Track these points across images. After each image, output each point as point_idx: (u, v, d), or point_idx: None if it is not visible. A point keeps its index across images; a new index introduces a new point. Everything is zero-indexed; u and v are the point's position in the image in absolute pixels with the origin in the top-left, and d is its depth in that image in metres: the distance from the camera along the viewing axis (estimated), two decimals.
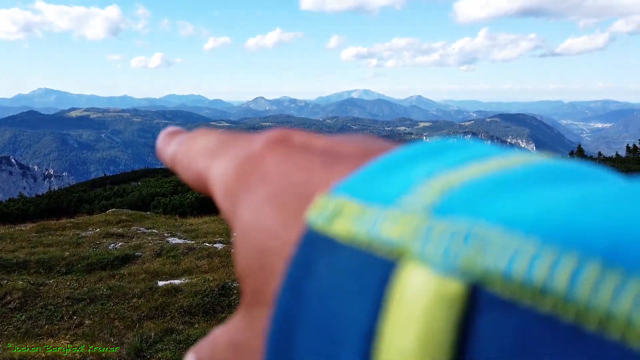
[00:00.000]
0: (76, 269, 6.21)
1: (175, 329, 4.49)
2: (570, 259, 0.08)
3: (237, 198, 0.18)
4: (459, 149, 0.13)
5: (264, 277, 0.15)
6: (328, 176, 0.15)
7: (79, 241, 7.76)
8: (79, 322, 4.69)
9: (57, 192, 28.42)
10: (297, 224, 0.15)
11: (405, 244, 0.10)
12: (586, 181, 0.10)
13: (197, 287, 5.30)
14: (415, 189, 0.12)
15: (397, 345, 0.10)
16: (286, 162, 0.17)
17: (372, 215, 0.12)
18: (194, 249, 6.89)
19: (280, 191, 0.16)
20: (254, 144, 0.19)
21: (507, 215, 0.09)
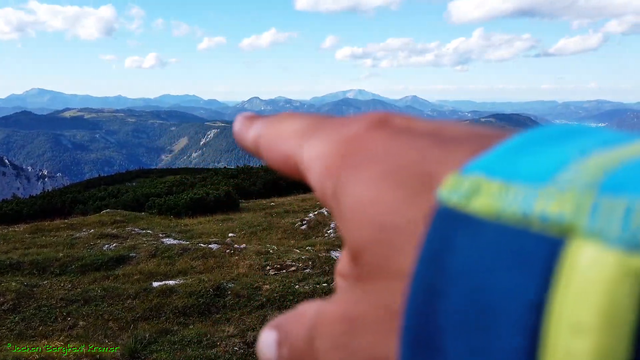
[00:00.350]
0: (70, 270, 6.18)
1: (170, 329, 4.49)
2: None
3: (341, 177, 0.18)
4: (596, 133, 0.13)
5: (385, 252, 0.16)
6: (444, 155, 0.16)
7: (73, 242, 7.73)
8: (73, 323, 4.67)
9: (51, 192, 28.24)
10: (420, 201, 0.15)
11: (571, 219, 0.10)
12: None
13: (192, 287, 5.30)
14: (570, 167, 0.12)
15: (572, 317, 0.10)
16: (393, 142, 0.18)
17: (521, 192, 0.12)
18: (189, 250, 6.88)
19: (395, 169, 0.17)
20: (352, 126, 0.19)
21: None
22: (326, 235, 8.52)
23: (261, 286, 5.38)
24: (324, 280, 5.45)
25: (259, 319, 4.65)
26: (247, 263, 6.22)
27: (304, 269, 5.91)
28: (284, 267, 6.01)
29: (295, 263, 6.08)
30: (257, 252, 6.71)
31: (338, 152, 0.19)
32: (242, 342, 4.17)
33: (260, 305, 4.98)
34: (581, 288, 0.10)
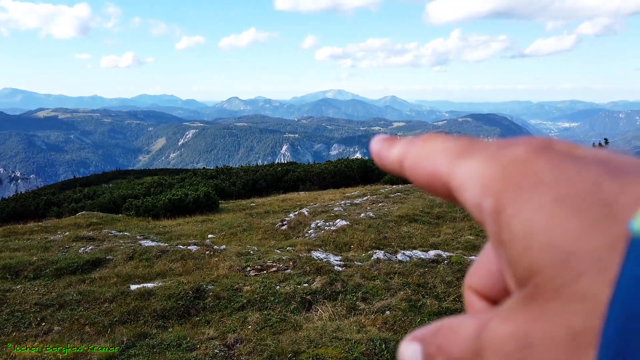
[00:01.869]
0: (45, 274, 6.04)
1: (149, 333, 4.41)
2: None
3: (506, 198, 0.19)
4: None
5: (567, 276, 0.17)
6: (622, 186, 0.17)
7: (47, 245, 7.55)
8: (47, 328, 4.56)
9: (24, 195, 27.59)
10: (603, 230, 0.16)
11: None
12: None
13: (171, 290, 5.22)
14: None
15: None
16: (560, 167, 0.18)
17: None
18: (168, 252, 6.79)
19: (569, 196, 0.17)
20: (514, 149, 0.20)
21: None
22: (307, 236, 8.51)
23: (242, 287, 5.34)
24: (305, 281, 5.44)
25: (240, 320, 4.61)
26: (227, 264, 6.16)
27: (284, 269, 5.89)
28: (264, 267, 5.98)
29: (276, 264, 6.05)
30: (238, 253, 6.65)
31: (500, 173, 0.20)
32: (222, 345, 4.12)
33: (240, 306, 4.94)
34: None
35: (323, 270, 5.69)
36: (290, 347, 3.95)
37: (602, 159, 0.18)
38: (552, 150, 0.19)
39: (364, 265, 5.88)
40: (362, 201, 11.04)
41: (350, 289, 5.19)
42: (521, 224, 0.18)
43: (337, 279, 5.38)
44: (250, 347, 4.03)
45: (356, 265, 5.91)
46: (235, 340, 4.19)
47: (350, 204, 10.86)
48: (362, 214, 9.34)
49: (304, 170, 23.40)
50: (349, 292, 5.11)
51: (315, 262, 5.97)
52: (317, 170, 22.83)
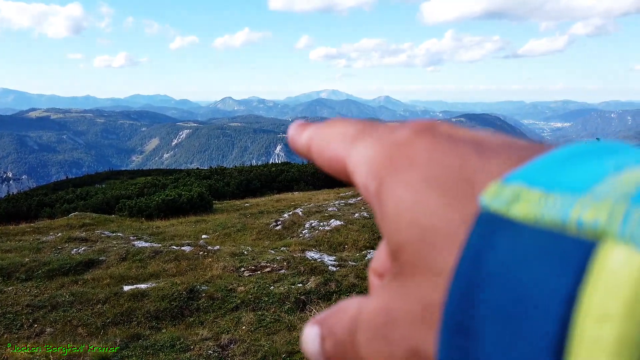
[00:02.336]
0: (37, 275, 5.99)
1: (142, 334, 4.39)
2: None
3: (385, 179, 0.20)
4: (633, 151, 0.15)
5: (426, 251, 0.17)
6: (484, 164, 0.18)
7: (39, 246, 7.50)
8: (40, 330, 4.52)
9: (16, 195, 27.37)
10: (461, 206, 0.17)
11: (604, 226, 0.12)
12: None
13: (164, 291, 5.20)
14: (605, 180, 0.13)
15: (599, 308, 0.12)
16: (436, 148, 0.19)
17: (559, 201, 0.14)
18: (161, 252, 6.76)
19: (437, 174, 0.18)
20: (398, 132, 0.21)
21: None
22: (301, 236, 8.51)
23: (235, 288, 5.32)
24: (299, 281, 5.43)
25: (234, 321, 4.60)
26: (221, 265, 6.15)
27: (279, 269, 5.88)
28: (258, 268, 5.97)
29: (270, 264, 6.04)
30: (232, 254, 6.64)
31: (383, 155, 0.20)
32: (216, 345, 4.11)
33: (234, 307, 4.93)
34: (609, 283, 0.12)
35: (317, 270, 5.68)
36: (284, 347, 3.94)
37: (477, 140, 0.19)
38: (432, 133, 0.20)
39: (358, 265, 5.88)
40: (356, 201, 11.05)
41: (345, 289, 5.19)
42: (392, 204, 0.19)
43: (332, 279, 5.38)
44: (244, 347, 4.03)
45: (350, 265, 5.91)
46: (229, 340, 4.18)
47: (345, 204, 10.87)
48: (356, 214, 9.35)
49: (298, 171, 23.39)
50: (343, 292, 5.11)
51: (309, 262, 5.97)
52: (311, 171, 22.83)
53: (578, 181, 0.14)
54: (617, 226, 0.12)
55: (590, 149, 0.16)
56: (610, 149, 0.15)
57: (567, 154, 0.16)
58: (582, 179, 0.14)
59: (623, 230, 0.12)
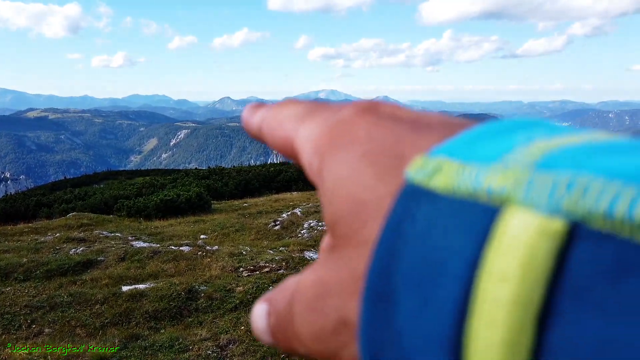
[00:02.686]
0: (35, 276, 5.98)
1: (141, 335, 4.39)
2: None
3: (326, 156, 0.20)
4: (547, 125, 0.16)
5: (357, 223, 0.18)
6: (417, 140, 0.18)
7: (37, 247, 7.48)
8: (38, 330, 4.52)
9: (13, 196, 27.32)
10: (391, 179, 0.17)
11: (510, 192, 0.13)
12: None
13: (163, 291, 5.20)
14: (516, 150, 0.14)
15: (499, 269, 0.12)
16: (376, 127, 0.19)
17: (474, 171, 0.14)
18: (160, 253, 6.75)
19: (372, 151, 0.19)
20: (343, 111, 0.21)
21: (608, 168, 0.12)
22: (300, 236, 8.51)
23: (234, 288, 5.32)
24: None
25: (233, 321, 4.60)
26: (219, 265, 6.14)
27: (277, 269, 5.88)
28: (257, 268, 5.97)
29: (269, 264, 6.04)
30: (230, 254, 6.63)
31: (327, 134, 0.21)
32: (215, 346, 4.11)
33: (233, 307, 4.92)
34: (509, 245, 0.12)
35: None
36: None
37: (416, 118, 0.20)
38: (374, 112, 0.20)
39: None
40: None
41: None
42: (330, 179, 0.19)
43: None
44: (243, 348, 4.03)
45: None
46: (228, 341, 4.18)
47: None
48: None
49: (296, 170, 23.38)
50: None
51: (308, 262, 5.97)
52: None
53: (492, 152, 0.14)
54: (520, 191, 0.12)
55: (511, 124, 0.16)
56: (528, 124, 0.16)
57: (489, 129, 0.16)
58: (496, 150, 0.15)
59: (525, 195, 0.12)
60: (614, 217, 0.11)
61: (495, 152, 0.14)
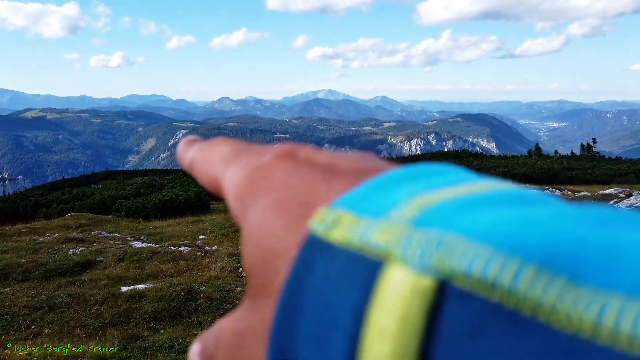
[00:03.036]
0: (34, 276, 5.97)
1: (140, 335, 4.38)
2: (514, 262, 0.11)
3: (246, 203, 0.21)
4: (440, 174, 0.17)
5: (268, 273, 0.18)
6: (328, 189, 0.18)
7: (36, 247, 7.46)
8: (37, 331, 4.50)
9: (12, 196, 27.27)
10: (299, 230, 0.18)
11: (390, 248, 0.13)
12: (535, 204, 0.14)
13: (162, 291, 5.19)
14: (401, 205, 0.15)
15: (380, 325, 0.13)
16: (292, 174, 0.20)
17: (365, 225, 0.15)
18: (159, 253, 6.75)
19: (284, 199, 0.19)
20: (264, 156, 0.22)
21: (470, 228, 0.13)
22: None
23: (234, 288, 5.32)
24: None
25: None
26: (219, 265, 6.14)
27: None
28: None
29: None
30: (229, 254, 6.63)
31: (246, 180, 0.21)
32: None
33: (233, 307, 4.90)
34: (387, 302, 0.13)
35: None
36: None
37: (331, 165, 0.20)
38: (292, 157, 0.21)
39: None
40: None
41: None
42: (246, 228, 0.20)
43: None
44: None
45: None
46: None
47: None
48: None
49: None
50: None
51: None
52: None
53: (382, 206, 0.15)
54: (399, 248, 0.13)
55: (411, 173, 0.17)
56: (425, 173, 0.17)
57: (388, 179, 0.17)
58: (385, 203, 0.15)
59: (403, 251, 0.13)
60: (472, 277, 0.12)
61: (384, 206, 0.15)
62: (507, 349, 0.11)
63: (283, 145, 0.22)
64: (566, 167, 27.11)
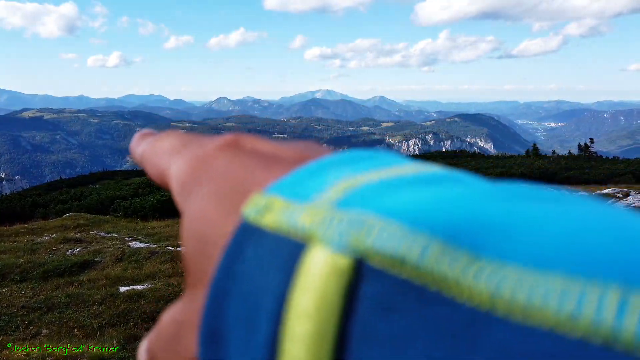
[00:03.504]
0: (32, 277, 5.96)
1: (139, 335, 4.38)
2: (421, 239, 0.11)
3: (189, 193, 0.20)
4: (370, 159, 0.17)
5: (203, 262, 0.18)
6: (266, 176, 0.18)
7: (34, 247, 7.46)
8: (35, 332, 4.50)
9: (9, 196, 27.23)
10: (234, 217, 0.17)
11: (313, 230, 0.14)
12: (453, 183, 0.14)
13: (160, 292, 5.19)
14: (327, 188, 0.15)
15: (299, 305, 0.13)
16: (233, 162, 0.20)
17: (293, 209, 0.15)
18: (157, 253, 6.75)
19: (222, 187, 0.19)
20: (208, 145, 0.22)
21: (386, 208, 0.13)
22: None
23: None
24: None
25: None
26: None
27: None
28: None
29: None
30: None
31: (190, 169, 0.21)
32: None
33: None
34: (307, 282, 0.13)
35: None
36: None
37: (273, 153, 0.20)
38: (235, 146, 0.21)
39: None
40: None
41: None
42: (186, 217, 0.20)
43: None
44: None
45: None
46: None
47: None
48: None
49: None
50: None
51: None
52: None
53: (310, 190, 0.15)
54: (321, 229, 0.13)
55: (343, 159, 0.17)
56: (355, 158, 0.17)
57: (320, 165, 0.17)
58: (313, 188, 0.15)
59: (324, 232, 0.13)
60: (384, 254, 0.12)
61: (312, 190, 0.15)
62: (415, 323, 0.11)
63: (227, 135, 0.22)
64: (564, 167, 27.18)
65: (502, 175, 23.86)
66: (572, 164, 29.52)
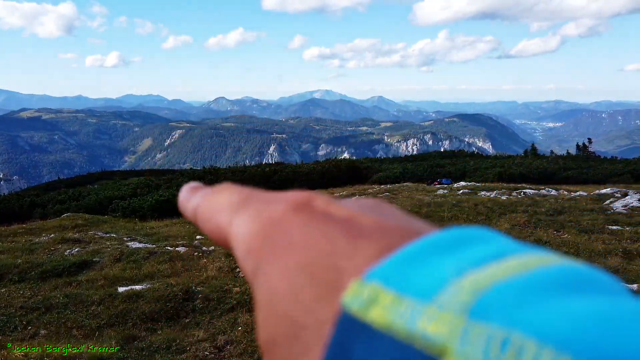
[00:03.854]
0: (30, 277, 5.95)
1: (137, 336, 4.37)
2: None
3: (262, 259, 0.19)
4: (479, 242, 0.15)
5: (297, 349, 0.17)
6: (354, 251, 0.17)
7: (32, 247, 7.44)
8: (34, 332, 4.49)
9: (7, 196, 27.16)
10: (330, 301, 0.16)
11: (445, 342, 0.12)
12: (603, 293, 0.12)
13: (159, 292, 5.18)
14: (448, 286, 0.13)
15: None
16: (311, 229, 0.18)
17: (408, 308, 0.13)
18: (156, 253, 6.74)
19: (308, 262, 0.17)
20: (276, 205, 0.20)
21: (540, 328, 0.11)
22: None
23: (231, 289, 5.31)
24: None
25: (230, 322, 4.59)
26: (216, 265, 6.13)
27: None
28: None
29: None
30: (227, 254, 6.62)
31: (260, 233, 0.20)
32: (212, 347, 4.11)
33: (230, 308, 4.92)
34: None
35: None
36: None
37: (349, 218, 0.19)
38: (308, 209, 0.19)
39: None
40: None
41: None
42: (266, 291, 0.18)
43: None
44: (240, 349, 4.02)
45: None
46: (225, 342, 4.17)
47: None
48: None
49: (292, 171, 23.40)
50: None
51: None
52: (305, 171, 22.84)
53: (427, 285, 0.14)
54: (456, 343, 0.12)
55: (443, 241, 0.16)
56: (462, 239, 0.15)
57: (422, 248, 0.16)
58: (430, 282, 0.14)
59: (461, 347, 0.12)
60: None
61: (430, 284, 0.14)
62: None
63: (296, 194, 0.21)
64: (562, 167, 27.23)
65: (501, 174, 23.89)
66: (571, 164, 29.57)
